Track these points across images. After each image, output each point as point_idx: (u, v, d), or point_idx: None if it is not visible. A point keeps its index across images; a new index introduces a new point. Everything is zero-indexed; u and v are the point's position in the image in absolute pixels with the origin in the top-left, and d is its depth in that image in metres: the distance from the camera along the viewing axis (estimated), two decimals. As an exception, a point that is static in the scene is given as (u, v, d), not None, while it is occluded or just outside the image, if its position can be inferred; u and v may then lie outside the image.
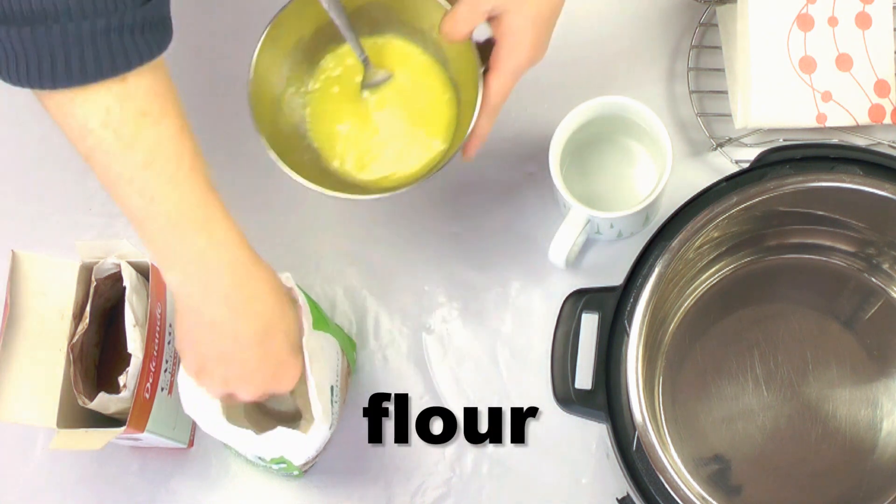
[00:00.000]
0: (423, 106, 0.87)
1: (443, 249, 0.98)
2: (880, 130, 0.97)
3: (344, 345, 0.91)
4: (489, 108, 0.81)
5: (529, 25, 0.78)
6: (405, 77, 0.88)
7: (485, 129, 0.82)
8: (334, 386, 0.88)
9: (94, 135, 0.67)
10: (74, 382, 0.83)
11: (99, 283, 0.86)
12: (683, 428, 0.87)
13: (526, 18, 0.78)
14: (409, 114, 0.87)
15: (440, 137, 0.86)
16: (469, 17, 0.79)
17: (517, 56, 0.79)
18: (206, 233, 0.70)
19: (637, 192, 0.96)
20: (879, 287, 0.90)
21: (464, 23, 0.79)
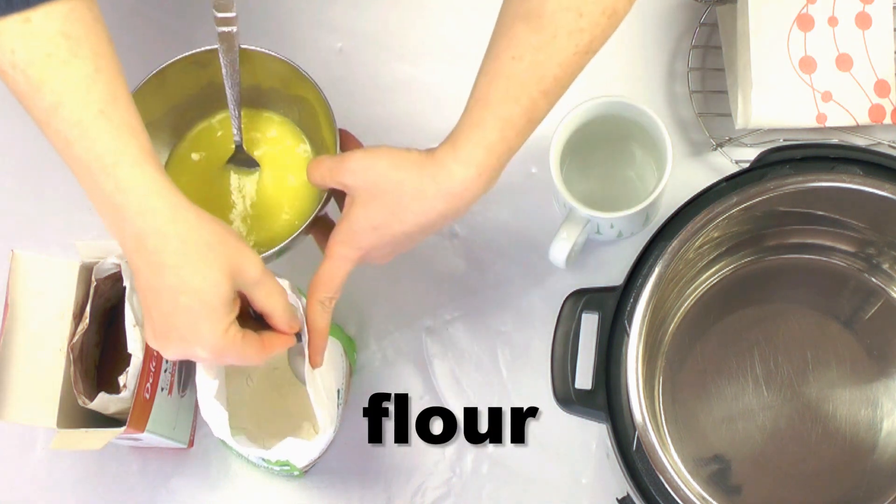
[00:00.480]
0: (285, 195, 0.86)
1: (443, 249, 0.98)
2: (880, 130, 0.97)
3: (345, 346, 0.92)
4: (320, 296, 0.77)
5: (367, 229, 0.74)
6: (274, 169, 0.86)
7: (322, 321, 0.77)
8: (340, 389, 0.88)
9: (6, 76, 0.65)
10: (74, 382, 0.83)
11: (99, 283, 0.86)
12: (683, 428, 0.87)
13: (367, 221, 0.74)
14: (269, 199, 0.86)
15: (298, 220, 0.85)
16: (325, 175, 0.76)
17: (348, 248, 0.75)
18: (113, 179, 0.67)
19: (637, 192, 0.96)
20: (879, 287, 0.90)
21: (320, 177, 0.76)
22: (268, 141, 0.88)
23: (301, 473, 0.91)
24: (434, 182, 0.72)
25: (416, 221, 0.73)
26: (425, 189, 0.72)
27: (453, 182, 0.72)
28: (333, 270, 0.76)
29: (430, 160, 0.72)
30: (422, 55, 1.02)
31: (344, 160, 0.74)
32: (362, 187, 0.73)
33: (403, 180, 0.72)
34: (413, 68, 1.02)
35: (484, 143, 0.71)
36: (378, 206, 0.73)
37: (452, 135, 0.73)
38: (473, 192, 0.73)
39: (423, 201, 0.72)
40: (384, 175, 0.72)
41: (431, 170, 0.72)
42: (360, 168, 0.73)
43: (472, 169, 0.72)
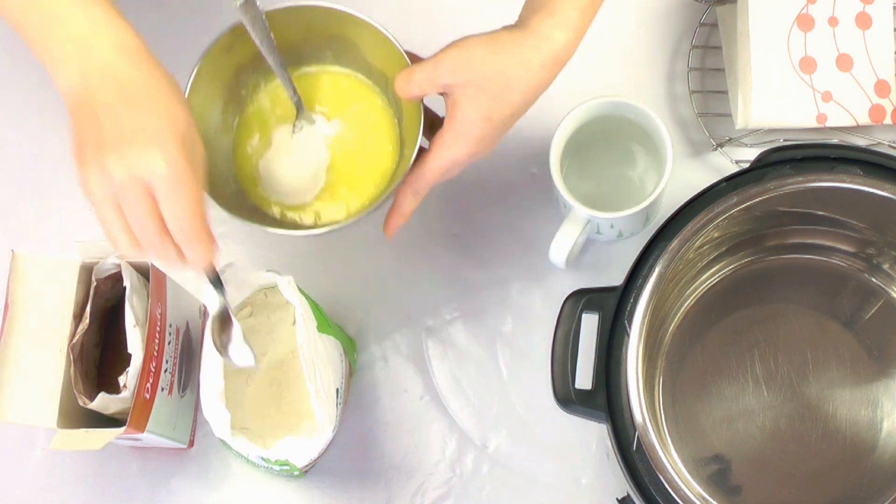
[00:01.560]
0: (360, 155, 0.85)
1: (443, 249, 0.98)
2: (880, 130, 0.97)
3: (345, 346, 0.92)
4: (417, 186, 0.78)
5: (479, 121, 0.75)
6: (344, 122, 0.85)
7: (409, 206, 0.79)
8: (339, 388, 0.88)
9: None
10: (74, 382, 0.83)
11: (99, 283, 0.86)
12: (683, 428, 0.87)
13: (477, 113, 0.74)
14: (345, 161, 0.85)
15: (374, 184, 0.84)
16: (423, 83, 0.76)
17: (458, 148, 0.76)
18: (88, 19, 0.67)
19: (637, 192, 0.96)
20: (879, 287, 0.90)
21: (416, 87, 0.76)
22: (326, 94, 0.86)
23: (301, 473, 0.91)
24: (538, 53, 0.73)
25: (524, 99, 0.75)
26: (530, 63, 0.73)
27: (557, 48, 0.73)
28: (439, 167, 0.77)
29: (527, 33, 0.73)
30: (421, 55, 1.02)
31: (439, 62, 0.74)
32: (465, 81, 0.74)
33: (506, 61, 0.73)
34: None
35: (579, 6, 0.73)
36: (486, 96, 0.74)
37: (541, 2, 0.74)
38: (571, 54, 0.75)
39: (529, 76, 0.74)
40: (485, 62, 0.73)
41: (532, 42, 0.73)
42: (458, 63, 0.74)
43: (571, 32, 0.73)
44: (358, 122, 0.86)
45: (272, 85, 0.86)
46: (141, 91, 0.67)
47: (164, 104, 0.67)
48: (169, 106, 0.68)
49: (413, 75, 0.76)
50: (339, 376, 0.88)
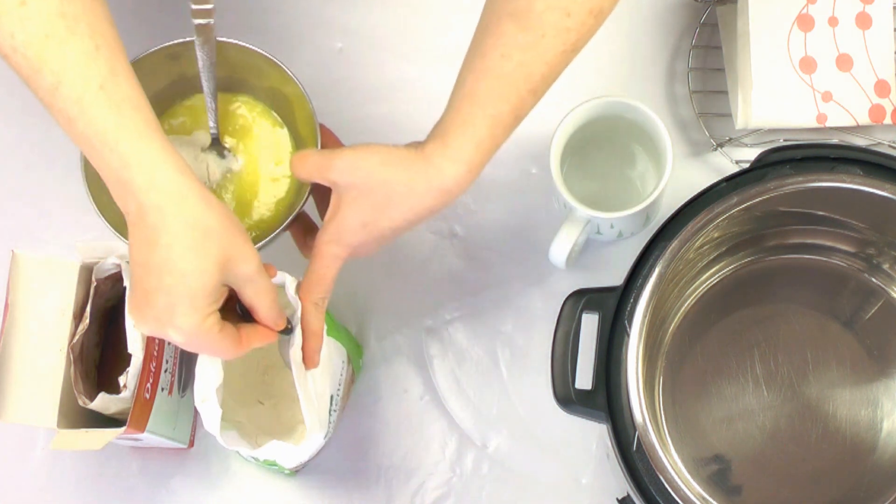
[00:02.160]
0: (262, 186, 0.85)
1: (443, 249, 0.98)
2: (880, 130, 0.97)
3: (351, 351, 0.91)
4: (314, 297, 0.77)
5: (357, 226, 0.74)
6: (251, 159, 0.85)
7: (317, 323, 0.77)
8: (334, 395, 0.88)
9: (9, 59, 0.66)
10: (74, 382, 0.83)
11: (99, 283, 0.86)
12: (684, 428, 0.87)
13: (356, 218, 0.74)
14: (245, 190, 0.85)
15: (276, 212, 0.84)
16: (313, 171, 0.75)
17: (335, 247, 0.75)
18: (117, 155, 0.67)
19: (637, 192, 0.96)
20: (879, 287, 0.90)
21: (307, 172, 0.76)
22: (244, 129, 0.86)
23: (291, 473, 0.91)
24: (425, 179, 0.73)
25: (405, 217, 0.74)
26: (416, 186, 0.73)
27: (444, 179, 0.73)
28: (324, 270, 0.76)
29: (419, 157, 0.73)
30: (422, 55, 1.02)
31: (333, 157, 0.74)
32: (351, 185, 0.73)
33: (393, 178, 0.73)
34: (413, 68, 1.02)
35: (474, 141, 0.72)
36: (367, 204, 0.73)
37: (441, 131, 0.73)
38: (462, 188, 0.74)
39: (413, 198, 0.73)
40: (374, 173, 0.73)
41: (422, 167, 0.73)
42: (349, 166, 0.73)
43: (462, 166, 0.72)
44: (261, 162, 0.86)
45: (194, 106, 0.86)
46: (164, 249, 0.67)
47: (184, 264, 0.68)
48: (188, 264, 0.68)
49: (307, 160, 0.76)
50: (337, 384, 0.88)
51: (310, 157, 0.76)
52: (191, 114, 0.86)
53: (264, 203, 0.85)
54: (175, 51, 0.82)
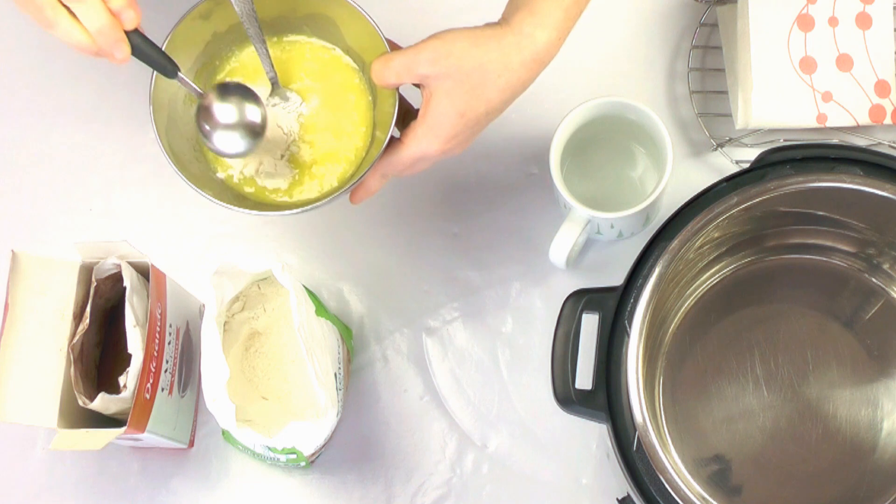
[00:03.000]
0: (333, 133, 0.83)
1: (443, 249, 0.98)
2: (881, 131, 0.97)
3: (342, 332, 0.92)
4: (385, 171, 0.77)
5: (453, 116, 0.73)
6: (320, 98, 0.83)
7: (375, 186, 0.79)
8: (337, 373, 0.88)
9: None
10: (75, 382, 0.83)
11: (99, 283, 0.86)
12: (684, 428, 0.87)
13: (452, 107, 0.73)
14: (315, 139, 0.83)
15: (344, 164, 0.83)
16: (400, 70, 0.74)
17: (428, 142, 0.75)
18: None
19: (637, 192, 0.96)
20: (880, 287, 0.90)
21: (394, 74, 0.75)
22: (305, 65, 0.84)
23: (307, 464, 0.91)
24: (518, 51, 0.72)
25: (502, 97, 0.73)
26: (510, 60, 0.72)
27: (538, 47, 0.72)
28: (408, 158, 0.76)
29: (508, 30, 0.72)
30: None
31: (419, 50, 0.73)
32: (444, 74, 0.72)
33: (486, 56, 0.72)
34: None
35: (562, 5, 0.72)
36: (463, 90, 0.73)
37: (526, 1, 0.73)
38: (553, 55, 0.73)
39: (508, 73, 0.72)
40: (465, 56, 0.72)
41: (513, 39, 0.72)
42: (439, 55, 0.72)
43: (553, 32, 0.72)
44: (333, 98, 0.84)
45: (246, 56, 0.84)
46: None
47: None
48: None
49: (391, 62, 0.75)
50: (337, 361, 0.88)
51: (394, 58, 0.75)
52: (244, 69, 0.84)
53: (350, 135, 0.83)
54: (205, 10, 0.80)
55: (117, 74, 0.99)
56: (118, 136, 1.01)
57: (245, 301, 0.89)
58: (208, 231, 0.99)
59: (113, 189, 1.00)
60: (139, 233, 0.98)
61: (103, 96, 1.02)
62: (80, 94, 1.02)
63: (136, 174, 1.00)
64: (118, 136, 1.01)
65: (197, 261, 0.98)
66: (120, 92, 1.02)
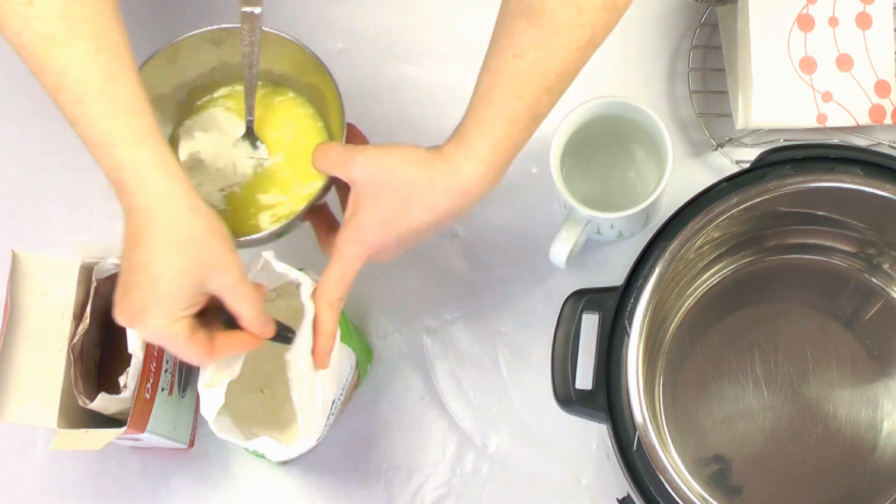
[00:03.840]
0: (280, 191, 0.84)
1: (443, 249, 0.98)
2: (881, 131, 0.97)
3: (360, 357, 0.91)
4: (329, 297, 0.76)
5: (377, 224, 0.74)
6: (285, 157, 0.85)
7: (330, 323, 0.77)
8: (337, 399, 0.87)
9: (20, 55, 0.67)
10: (75, 382, 0.83)
11: (99, 283, 0.86)
12: (684, 428, 0.87)
13: (376, 216, 0.74)
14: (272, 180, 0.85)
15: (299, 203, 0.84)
16: (334, 164, 0.76)
17: (355, 247, 0.75)
18: (111, 158, 0.68)
19: (638, 192, 0.96)
20: (880, 287, 0.90)
21: (328, 165, 0.76)
22: (280, 121, 0.86)
23: (281, 464, 0.91)
24: (444, 178, 0.72)
25: (424, 218, 0.74)
26: (434, 185, 0.72)
27: (462, 178, 0.72)
28: (343, 270, 0.76)
29: (438, 157, 0.73)
30: (422, 55, 1.02)
31: (354, 153, 0.74)
32: (371, 182, 0.73)
33: (413, 176, 0.72)
34: (413, 68, 1.02)
35: (490, 140, 0.72)
36: (386, 202, 0.73)
37: (458, 132, 0.73)
38: (481, 188, 0.73)
39: (432, 197, 0.73)
40: (394, 171, 0.73)
41: (440, 166, 0.72)
42: (370, 162, 0.73)
43: (479, 165, 0.72)
44: (297, 162, 0.85)
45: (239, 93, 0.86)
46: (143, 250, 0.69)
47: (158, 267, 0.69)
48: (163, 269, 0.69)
49: (330, 152, 0.77)
50: (341, 389, 0.88)
51: (332, 150, 0.76)
52: (232, 101, 0.87)
53: (297, 199, 0.84)
54: (218, 36, 0.83)
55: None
56: (118, 136, 1.01)
57: (279, 293, 0.89)
58: (208, 231, 0.98)
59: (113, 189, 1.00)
60: (139, 233, 0.98)
61: (103, 96, 1.02)
62: (81, 94, 1.02)
63: (136, 174, 1.00)
64: (118, 136, 1.01)
65: (197, 261, 0.98)
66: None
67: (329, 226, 0.82)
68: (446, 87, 0.99)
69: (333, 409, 0.87)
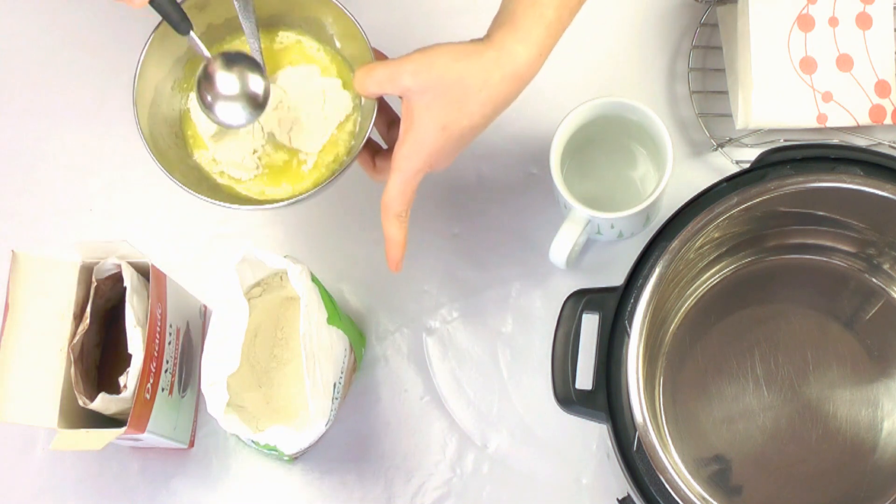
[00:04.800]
0: (309, 127, 0.84)
1: (443, 249, 0.98)
2: (881, 131, 0.97)
3: (353, 340, 0.91)
4: (395, 211, 0.77)
5: (434, 130, 0.73)
6: (301, 93, 0.84)
7: (398, 234, 0.78)
8: (337, 382, 0.88)
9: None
10: (75, 383, 0.83)
11: (99, 283, 0.86)
12: (684, 428, 0.87)
13: (434, 121, 0.73)
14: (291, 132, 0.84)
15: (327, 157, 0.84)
16: (383, 80, 0.75)
17: (414, 159, 0.75)
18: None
19: (638, 192, 0.96)
20: (880, 287, 0.90)
21: (376, 84, 0.75)
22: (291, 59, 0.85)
23: (290, 459, 0.91)
24: (498, 66, 0.72)
25: (483, 112, 0.74)
26: (490, 75, 0.72)
27: (518, 63, 0.72)
28: (404, 184, 0.76)
29: (489, 46, 0.73)
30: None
31: (402, 62, 0.74)
32: (425, 86, 0.73)
33: (467, 70, 0.72)
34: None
35: (544, 22, 0.72)
36: (443, 104, 0.73)
37: (507, 17, 0.73)
38: (534, 71, 0.73)
39: (489, 88, 0.73)
40: (446, 69, 0.72)
41: (494, 54, 0.72)
42: (421, 67, 0.73)
43: (534, 48, 0.72)
44: (318, 93, 0.85)
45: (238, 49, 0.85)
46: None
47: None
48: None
49: (374, 71, 0.75)
50: (340, 371, 0.88)
51: (377, 69, 0.75)
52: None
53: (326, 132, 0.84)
54: (201, 2, 0.82)
55: (118, 75, 0.99)
56: (118, 136, 1.01)
57: (265, 288, 0.89)
58: (208, 231, 0.99)
59: (113, 189, 1.00)
60: (139, 233, 0.98)
61: (103, 96, 1.02)
62: (81, 94, 1.02)
63: (136, 174, 1.00)
64: (118, 136, 1.01)
65: (197, 261, 0.98)
66: (120, 92, 1.01)
67: (374, 151, 0.81)
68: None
69: (336, 393, 0.87)
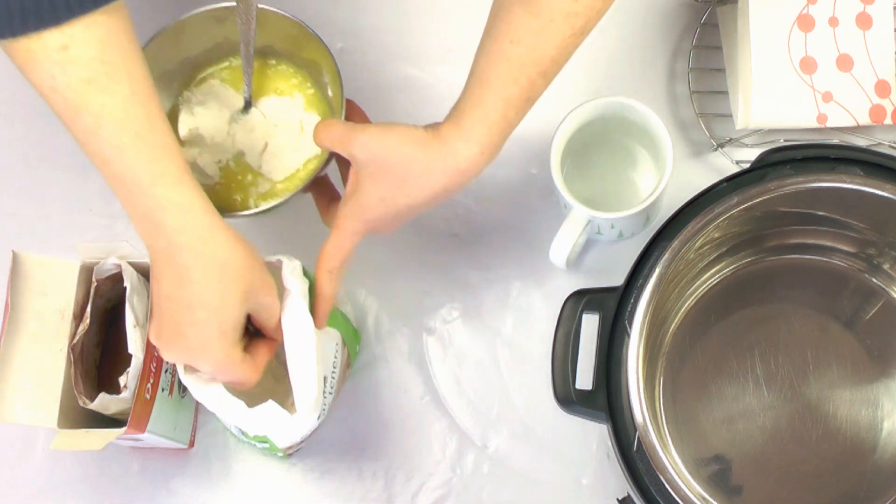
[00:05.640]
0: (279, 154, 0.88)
1: (443, 249, 0.98)
2: (881, 131, 0.97)
3: (347, 336, 0.91)
4: (330, 266, 0.80)
5: (375, 201, 0.77)
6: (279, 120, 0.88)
7: (329, 289, 0.80)
8: (328, 377, 0.87)
9: (47, 98, 0.67)
10: (75, 383, 0.83)
11: (99, 283, 0.86)
12: (684, 428, 0.87)
13: (375, 193, 0.77)
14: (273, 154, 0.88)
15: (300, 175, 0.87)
16: (336, 140, 0.78)
17: (356, 221, 0.78)
18: (152, 198, 0.69)
19: (638, 192, 0.96)
20: (880, 287, 0.90)
21: (329, 141, 0.78)
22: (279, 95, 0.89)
23: (284, 455, 0.91)
24: (441, 159, 0.75)
25: (422, 195, 0.76)
26: (433, 165, 0.75)
27: (458, 159, 0.75)
28: (342, 242, 0.79)
29: (436, 138, 0.75)
30: (422, 55, 1.02)
31: (356, 131, 0.77)
32: (371, 160, 0.76)
33: (412, 156, 0.75)
34: (413, 68, 1.02)
35: (486, 122, 0.74)
36: (386, 180, 0.76)
37: (455, 114, 0.76)
38: (476, 168, 0.76)
39: (429, 176, 0.76)
40: (394, 150, 0.75)
41: (438, 147, 0.75)
42: (371, 141, 0.76)
43: (475, 147, 0.75)
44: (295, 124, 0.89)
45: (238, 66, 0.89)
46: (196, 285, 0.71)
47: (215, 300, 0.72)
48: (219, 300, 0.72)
49: (332, 129, 0.79)
50: (332, 366, 0.88)
51: (334, 127, 0.79)
52: (232, 75, 0.90)
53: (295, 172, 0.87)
54: (220, 14, 0.86)
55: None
56: (118, 136, 1.01)
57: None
58: (208, 231, 0.99)
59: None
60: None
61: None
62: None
63: (136, 174, 1.00)
64: (118, 136, 1.01)
65: (197, 261, 0.98)
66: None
67: (330, 197, 0.85)
68: (446, 87, 0.98)
69: (328, 387, 0.87)
